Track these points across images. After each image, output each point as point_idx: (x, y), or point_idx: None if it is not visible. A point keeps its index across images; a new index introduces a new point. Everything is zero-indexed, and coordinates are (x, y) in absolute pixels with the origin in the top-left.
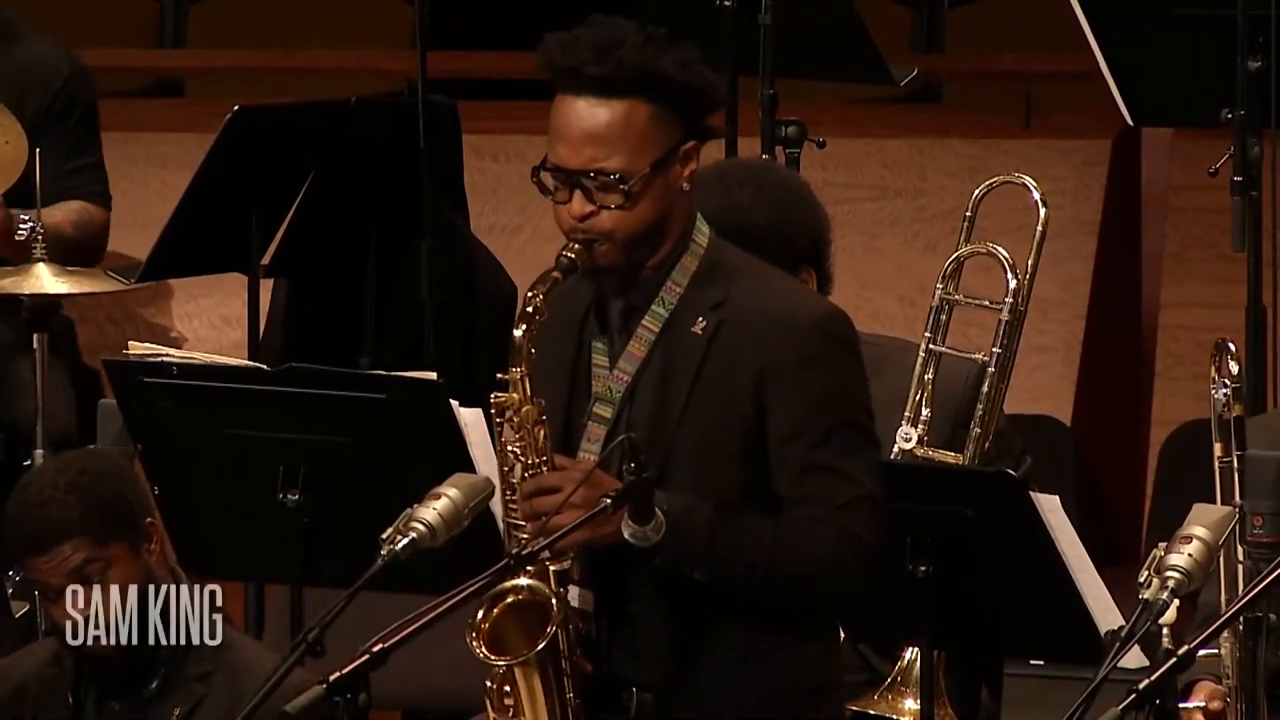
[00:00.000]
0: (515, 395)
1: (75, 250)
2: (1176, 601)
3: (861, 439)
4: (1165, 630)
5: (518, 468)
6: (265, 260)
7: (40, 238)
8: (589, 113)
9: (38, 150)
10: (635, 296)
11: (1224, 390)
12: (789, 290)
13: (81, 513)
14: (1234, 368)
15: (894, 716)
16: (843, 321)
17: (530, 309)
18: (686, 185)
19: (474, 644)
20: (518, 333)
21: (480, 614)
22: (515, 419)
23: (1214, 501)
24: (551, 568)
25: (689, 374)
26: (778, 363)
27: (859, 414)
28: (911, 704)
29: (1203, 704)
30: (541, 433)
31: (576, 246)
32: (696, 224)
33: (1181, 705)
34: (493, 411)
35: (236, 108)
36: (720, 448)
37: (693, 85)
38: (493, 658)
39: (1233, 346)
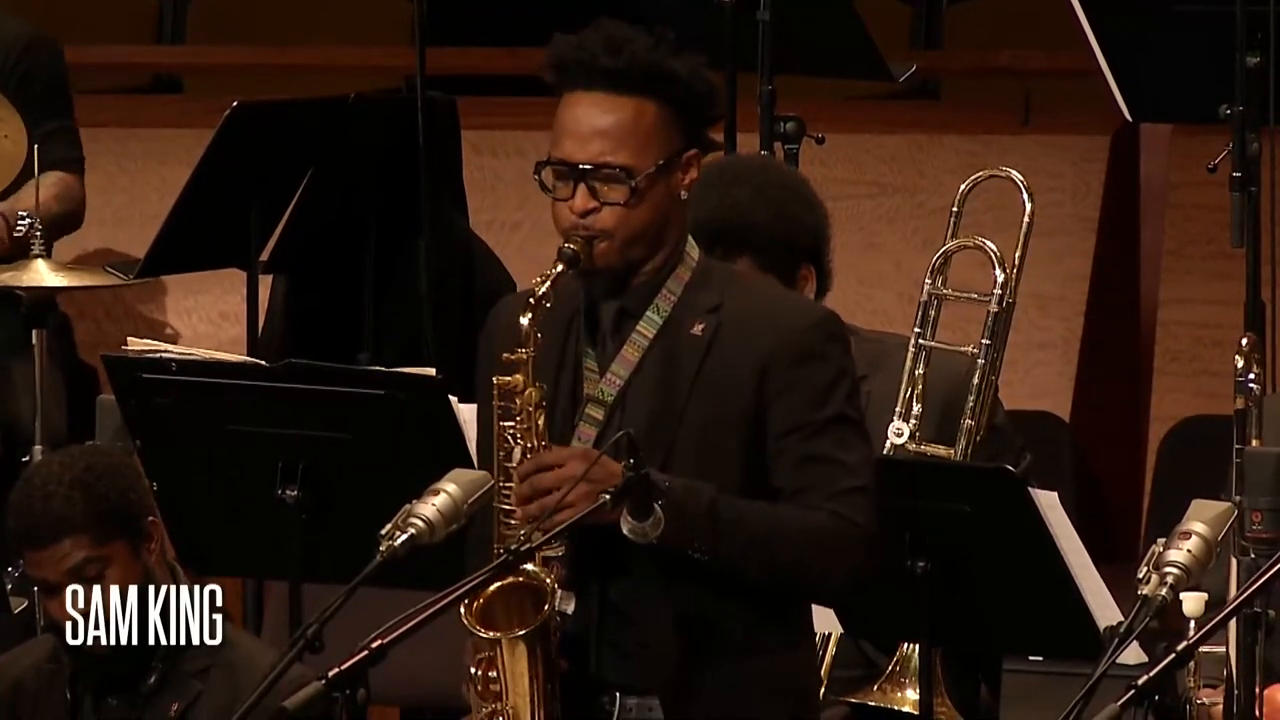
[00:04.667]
0: (519, 377)
1: (61, 224)
2: (1205, 596)
3: (856, 432)
4: (1192, 624)
5: (516, 451)
6: (264, 256)
7: (39, 233)
8: (599, 108)
9: (35, 146)
10: (629, 301)
11: (1251, 385)
12: (781, 294)
13: (84, 510)
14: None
15: (893, 707)
16: (838, 321)
17: (539, 295)
18: (684, 194)
19: (466, 618)
20: (524, 320)
21: None
22: (517, 401)
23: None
24: (544, 553)
25: (690, 374)
26: (779, 359)
27: (852, 409)
28: (910, 694)
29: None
30: (541, 417)
31: (579, 239)
32: (689, 240)
33: (1201, 702)
34: (494, 392)
35: (235, 104)
36: (720, 445)
37: (698, 89)
38: (486, 631)
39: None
